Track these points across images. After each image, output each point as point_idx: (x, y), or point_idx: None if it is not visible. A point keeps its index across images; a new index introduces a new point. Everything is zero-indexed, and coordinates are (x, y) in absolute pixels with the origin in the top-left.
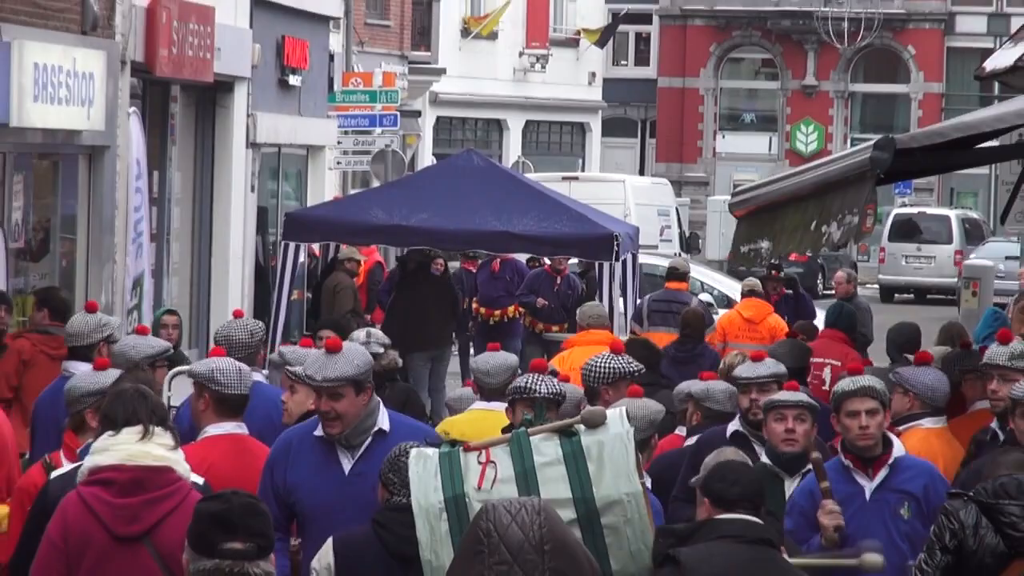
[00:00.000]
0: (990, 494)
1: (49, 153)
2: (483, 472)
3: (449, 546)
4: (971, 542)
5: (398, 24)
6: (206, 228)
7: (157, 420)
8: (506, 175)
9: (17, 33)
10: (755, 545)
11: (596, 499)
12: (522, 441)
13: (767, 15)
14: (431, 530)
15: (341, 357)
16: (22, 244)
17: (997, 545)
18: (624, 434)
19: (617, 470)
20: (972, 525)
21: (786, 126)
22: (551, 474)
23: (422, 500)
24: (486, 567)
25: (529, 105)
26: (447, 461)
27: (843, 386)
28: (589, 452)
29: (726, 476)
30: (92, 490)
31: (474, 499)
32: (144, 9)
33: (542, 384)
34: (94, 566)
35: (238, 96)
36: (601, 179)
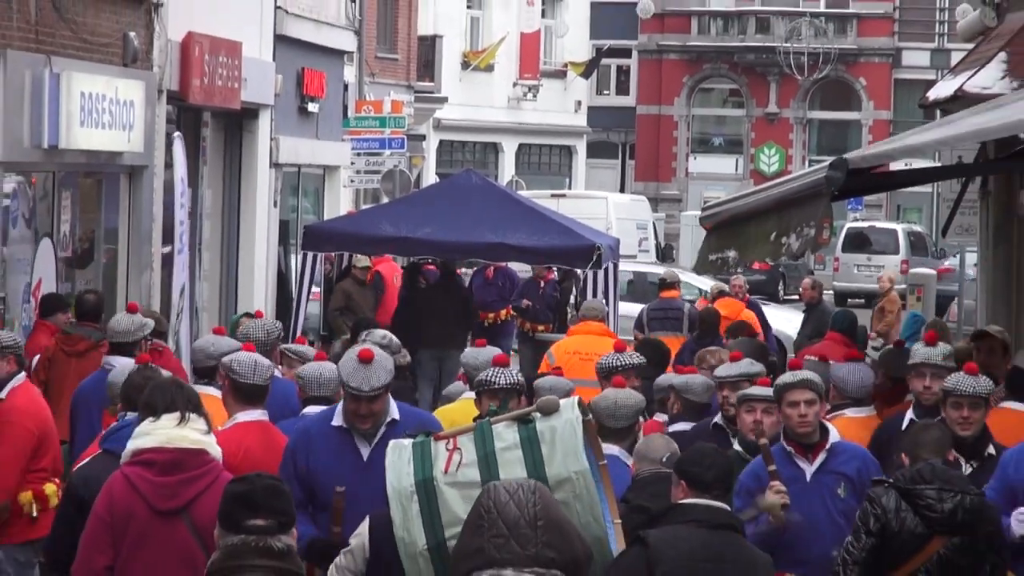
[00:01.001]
0: (908, 480)
1: (94, 172)
2: (450, 458)
3: (419, 524)
4: (894, 524)
5: (405, 57)
6: (234, 239)
7: (192, 407)
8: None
9: (66, 65)
10: (719, 530)
11: (548, 478)
12: (484, 429)
13: (734, 50)
14: (403, 510)
15: (378, 366)
16: (69, 253)
17: (917, 526)
18: (574, 419)
19: (566, 451)
20: (893, 509)
21: (751, 149)
22: (509, 457)
23: (395, 484)
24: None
25: (521, 130)
26: (419, 449)
27: (785, 379)
28: (543, 436)
29: (702, 461)
30: (135, 470)
31: (441, 482)
32: (179, 44)
33: (501, 376)
34: (137, 538)
35: (262, 121)
36: (586, 196)
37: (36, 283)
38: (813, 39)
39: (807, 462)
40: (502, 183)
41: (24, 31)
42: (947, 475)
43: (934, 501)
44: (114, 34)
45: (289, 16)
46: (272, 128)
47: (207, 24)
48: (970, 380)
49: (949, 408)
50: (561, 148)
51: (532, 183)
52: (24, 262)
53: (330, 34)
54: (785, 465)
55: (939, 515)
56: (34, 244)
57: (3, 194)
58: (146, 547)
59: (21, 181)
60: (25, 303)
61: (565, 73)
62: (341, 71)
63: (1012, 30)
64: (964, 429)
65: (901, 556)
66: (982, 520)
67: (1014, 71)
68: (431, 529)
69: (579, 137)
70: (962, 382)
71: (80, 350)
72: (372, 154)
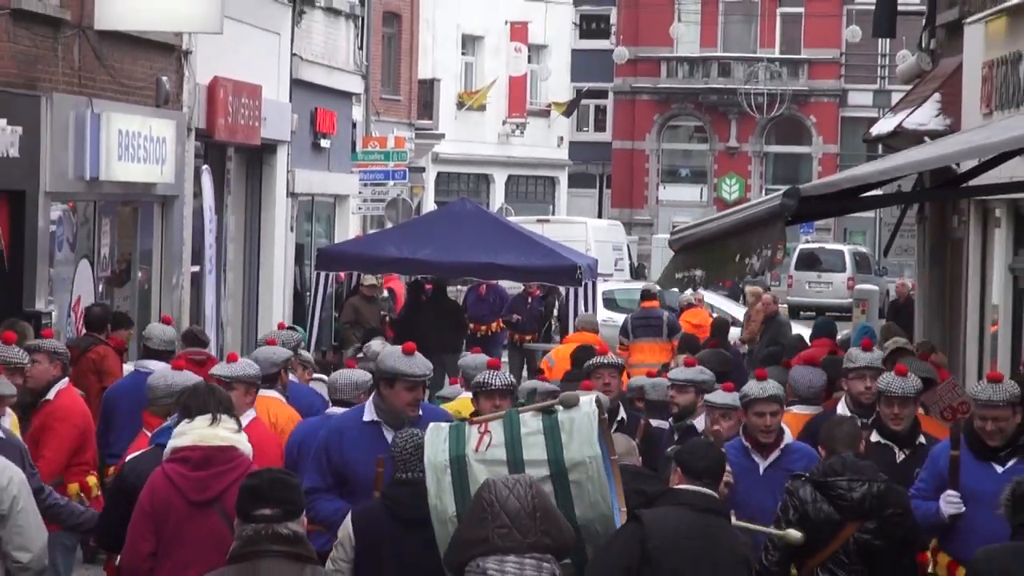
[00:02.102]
0: (822, 473)
1: (130, 201)
2: (481, 439)
3: (451, 494)
4: (811, 513)
5: (407, 98)
6: (255, 261)
7: (223, 409)
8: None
9: (105, 106)
10: (705, 513)
11: (565, 460)
12: (512, 416)
13: (699, 91)
14: (437, 481)
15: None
16: (108, 273)
17: (831, 513)
18: (591, 413)
19: (582, 439)
20: (810, 500)
21: (714, 179)
22: (532, 441)
23: (432, 458)
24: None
25: (510, 163)
26: (455, 430)
27: (754, 392)
28: (563, 425)
29: (696, 452)
30: (172, 466)
31: (472, 459)
32: (205, 87)
33: (496, 379)
34: (175, 526)
35: (280, 156)
36: (567, 221)
37: (76, 300)
38: (769, 81)
39: (761, 458)
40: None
41: (68, 76)
42: (856, 466)
43: (844, 490)
44: (148, 78)
45: (304, 62)
46: (289, 161)
47: (231, 69)
48: (900, 381)
49: (883, 406)
50: (545, 179)
51: (520, 210)
52: (68, 281)
53: (340, 78)
54: (741, 458)
55: (849, 503)
56: (76, 266)
57: (49, 221)
58: (184, 534)
59: (65, 209)
60: (68, 317)
61: (549, 112)
62: (350, 111)
63: (945, 73)
64: (896, 424)
65: (819, 542)
66: (888, 504)
67: (947, 109)
68: (461, 499)
69: (561, 169)
70: (893, 383)
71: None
72: (377, 184)
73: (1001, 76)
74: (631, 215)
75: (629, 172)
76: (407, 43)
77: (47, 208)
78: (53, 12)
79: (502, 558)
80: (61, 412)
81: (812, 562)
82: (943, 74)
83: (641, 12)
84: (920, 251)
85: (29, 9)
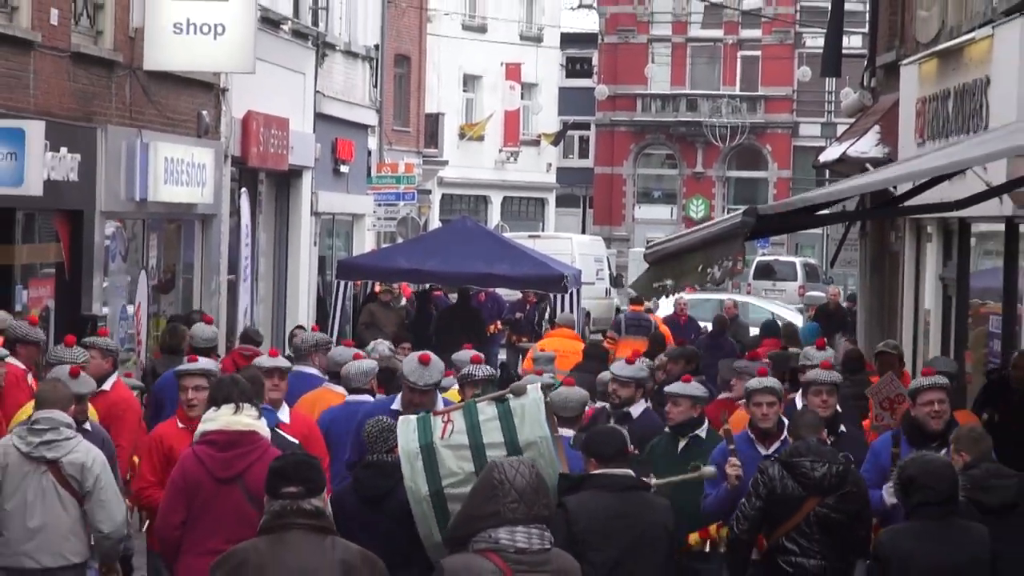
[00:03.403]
0: (788, 454)
1: (174, 219)
2: (445, 427)
3: (423, 476)
4: (778, 489)
5: (415, 130)
6: (283, 271)
7: (245, 399)
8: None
9: (153, 137)
10: (624, 492)
11: (520, 441)
12: (471, 406)
13: (669, 124)
14: (411, 466)
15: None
16: (156, 281)
17: (795, 489)
18: (538, 399)
19: (533, 422)
20: (778, 477)
21: (682, 200)
22: (490, 426)
23: (404, 447)
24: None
25: (505, 186)
26: (422, 421)
27: (754, 385)
28: (515, 411)
29: (601, 438)
30: (201, 448)
31: (439, 445)
32: (240, 120)
33: (479, 371)
34: (203, 500)
35: (305, 180)
36: (555, 237)
37: (136, 305)
38: (730, 115)
39: (764, 447)
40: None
41: (120, 110)
42: (819, 449)
43: (808, 470)
44: (190, 112)
45: (325, 98)
46: (312, 185)
47: (262, 104)
48: (826, 374)
49: (811, 395)
50: (536, 200)
51: (514, 227)
52: (121, 289)
53: (357, 112)
54: (747, 448)
55: (812, 480)
56: (127, 275)
57: (104, 236)
58: (210, 507)
59: (118, 226)
60: (122, 319)
61: (539, 142)
62: (366, 140)
63: (883, 108)
64: (824, 411)
65: (785, 514)
66: (846, 483)
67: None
68: (432, 480)
69: (550, 191)
70: (820, 375)
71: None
72: (390, 205)
73: (932, 111)
74: (610, 231)
75: (609, 194)
76: (415, 82)
77: (102, 225)
78: (107, 55)
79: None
80: (124, 403)
81: (778, 531)
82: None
83: (619, 55)
84: (862, 262)
85: (87, 52)
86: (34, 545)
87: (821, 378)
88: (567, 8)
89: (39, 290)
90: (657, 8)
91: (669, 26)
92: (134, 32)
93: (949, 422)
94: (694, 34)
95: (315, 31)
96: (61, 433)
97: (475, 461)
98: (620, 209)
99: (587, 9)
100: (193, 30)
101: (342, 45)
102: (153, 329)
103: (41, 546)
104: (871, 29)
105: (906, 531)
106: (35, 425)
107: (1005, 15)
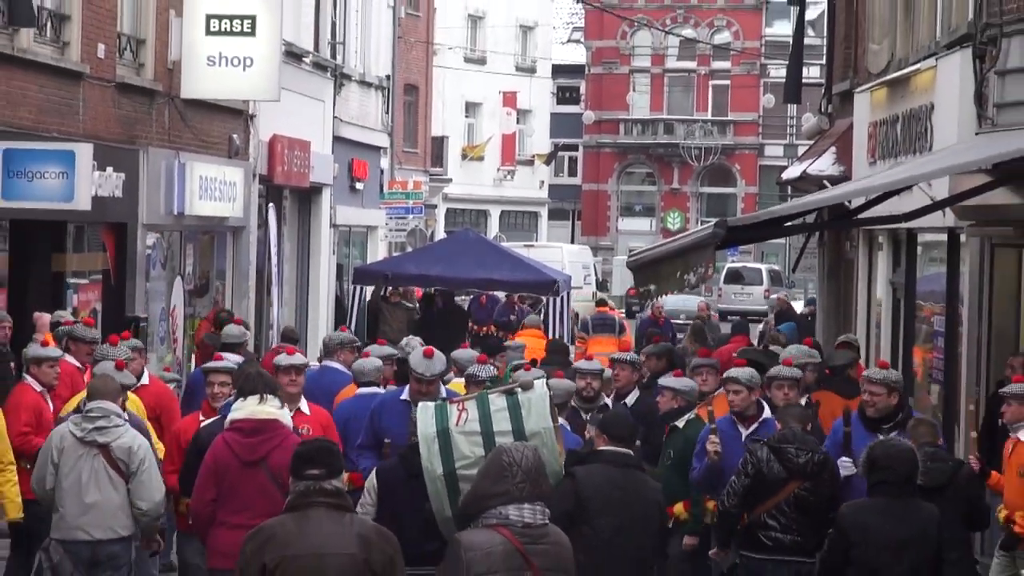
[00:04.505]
0: (776, 440)
1: (208, 231)
2: (459, 415)
3: (439, 458)
4: (764, 470)
5: (423, 151)
6: (305, 277)
7: (269, 391)
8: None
9: (189, 157)
10: (625, 468)
11: (525, 430)
12: (484, 397)
13: (649, 145)
14: (428, 448)
15: (436, 360)
16: (192, 286)
17: (780, 471)
18: (544, 394)
19: (538, 414)
20: (765, 459)
21: (661, 213)
22: (499, 416)
23: (423, 431)
24: (511, 484)
25: (503, 201)
26: (439, 409)
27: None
28: (523, 403)
29: (615, 421)
30: (230, 434)
31: (454, 431)
32: (267, 142)
33: (483, 371)
34: (231, 480)
35: (324, 195)
36: (547, 246)
37: (172, 308)
38: (703, 137)
39: (744, 428)
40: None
41: (160, 134)
42: (803, 438)
43: (792, 456)
44: (222, 136)
45: (342, 123)
46: (331, 200)
47: (286, 129)
48: (787, 370)
49: (774, 389)
50: (530, 213)
51: (511, 237)
52: (160, 293)
53: (371, 135)
54: (729, 428)
55: (795, 465)
56: (167, 281)
57: (146, 246)
58: (237, 486)
59: (158, 237)
60: (162, 321)
61: (533, 161)
62: (378, 160)
63: (839, 131)
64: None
65: (769, 492)
66: (824, 470)
67: (841, 159)
68: (446, 461)
69: (542, 205)
70: (782, 371)
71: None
72: (400, 218)
73: (883, 134)
74: (596, 241)
75: (595, 208)
76: (423, 108)
77: (144, 236)
78: (148, 85)
79: (519, 505)
80: (167, 394)
81: (760, 508)
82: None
83: (604, 84)
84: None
85: (130, 82)
86: (87, 520)
87: (783, 373)
88: (558, 43)
89: (88, 294)
90: (637, 43)
91: (648, 58)
92: (172, 64)
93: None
94: (670, 65)
95: (333, 63)
96: (111, 421)
97: (485, 446)
98: (605, 221)
99: (575, 43)
100: (225, 62)
101: (357, 76)
102: (189, 328)
103: (93, 521)
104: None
105: (865, 506)
106: (89, 413)
107: (947, 48)
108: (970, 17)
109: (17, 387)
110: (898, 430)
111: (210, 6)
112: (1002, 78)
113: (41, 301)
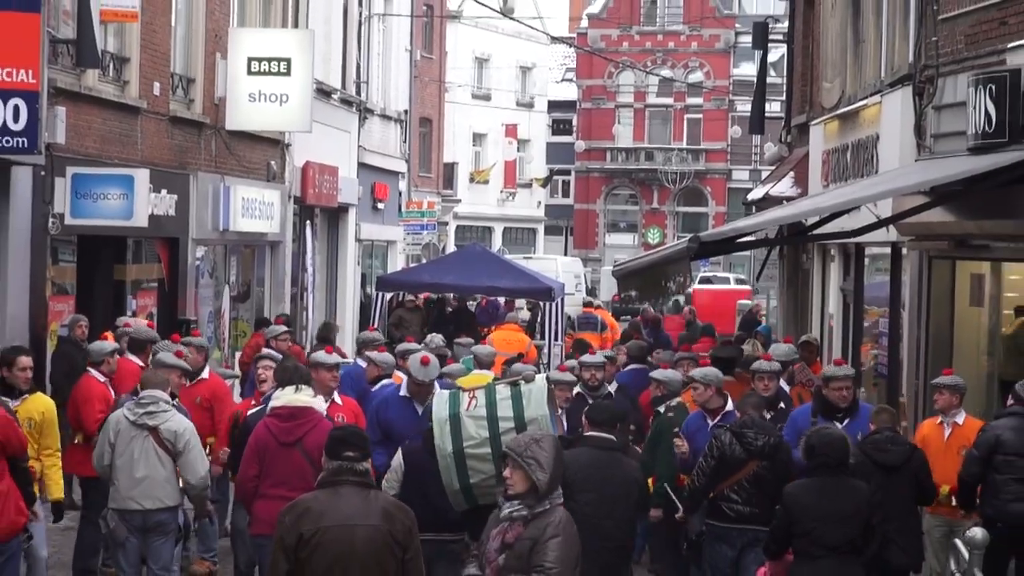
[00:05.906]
0: (737, 426)
1: (249, 245)
2: (469, 402)
3: (449, 438)
4: (727, 452)
5: (436, 175)
6: (333, 285)
7: (303, 381)
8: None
9: (233, 181)
10: (608, 451)
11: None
12: (491, 388)
13: (632, 171)
14: (440, 429)
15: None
16: (235, 293)
17: (741, 453)
18: (543, 387)
19: (537, 403)
20: (728, 443)
21: (642, 229)
22: (504, 404)
23: (437, 414)
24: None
25: (505, 219)
26: (453, 396)
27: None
28: (525, 394)
29: (600, 409)
30: (270, 420)
31: (463, 415)
32: (300, 168)
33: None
34: (271, 459)
35: (351, 214)
36: (544, 258)
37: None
38: (679, 164)
39: (711, 419)
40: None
41: (207, 160)
42: (761, 424)
43: (752, 439)
44: (262, 162)
45: (366, 151)
46: (356, 218)
47: (317, 156)
48: (767, 364)
49: (756, 381)
50: (529, 229)
51: (512, 250)
52: (208, 299)
53: (391, 162)
54: (699, 420)
55: (754, 448)
56: (214, 288)
57: (195, 258)
58: (276, 464)
59: (206, 250)
60: (209, 323)
61: (531, 184)
62: (397, 184)
63: (797, 158)
64: (766, 392)
65: (731, 470)
66: (779, 452)
67: (798, 183)
68: (456, 441)
69: (540, 223)
70: (763, 365)
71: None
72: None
73: (834, 160)
74: (586, 254)
75: (585, 225)
76: (436, 138)
77: (194, 249)
78: (197, 118)
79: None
80: (222, 387)
81: (723, 484)
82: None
83: (593, 117)
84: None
85: (182, 116)
86: (138, 492)
87: (763, 367)
88: (553, 81)
89: (145, 300)
90: (622, 81)
91: (632, 95)
92: (218, 100)
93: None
94: (651, 101)
95: (358, 99)
96: (160, 407)
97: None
98: (594, 236)
99: (568, 82)
100: (264, 99)
101: (379, 110)
102: (233, 330)
103: (143, 493)
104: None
105: (806, 485)
106: (141, 400)
107: (890, 86)
108: (910, 59)
109: (83, 380)
110: (849, 418)
111: (251, 50)
112: (938, 112)
113: (105, 306)
